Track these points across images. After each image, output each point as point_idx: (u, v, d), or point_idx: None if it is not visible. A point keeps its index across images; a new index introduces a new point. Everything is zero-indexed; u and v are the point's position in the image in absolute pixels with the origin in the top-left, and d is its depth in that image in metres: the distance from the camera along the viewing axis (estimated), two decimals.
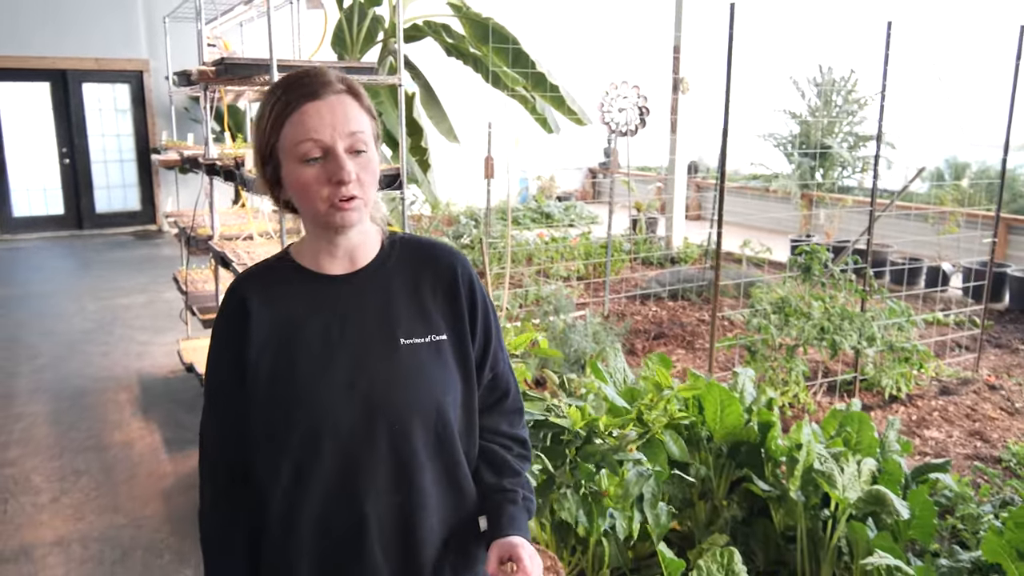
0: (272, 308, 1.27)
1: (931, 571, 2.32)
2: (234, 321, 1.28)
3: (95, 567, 3.03)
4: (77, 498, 3.58)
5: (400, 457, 1.25)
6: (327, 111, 1.19)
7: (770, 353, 4.37)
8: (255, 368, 1.25)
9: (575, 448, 2.24)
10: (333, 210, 1.21)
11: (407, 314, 1.30)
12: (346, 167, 1.19)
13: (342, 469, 1.23)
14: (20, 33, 9.80)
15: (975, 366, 5.37)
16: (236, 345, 1.26)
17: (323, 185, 1.20)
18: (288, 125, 1.20)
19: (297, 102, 1.19)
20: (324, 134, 1.19)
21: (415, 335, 1.29)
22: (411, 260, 1.34)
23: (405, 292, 1.32)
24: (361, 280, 1.30)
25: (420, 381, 1.27)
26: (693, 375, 2.97)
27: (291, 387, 1.23)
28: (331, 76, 1.23)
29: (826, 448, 2.76)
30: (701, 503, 2.96)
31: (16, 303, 7.09)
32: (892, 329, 4.92)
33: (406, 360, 1.27)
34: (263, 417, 1.25)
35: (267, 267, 1.35)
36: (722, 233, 4.27)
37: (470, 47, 7.05)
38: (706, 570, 2.28)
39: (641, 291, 7.05)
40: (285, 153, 1.22)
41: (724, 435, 2.90)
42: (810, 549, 2.73)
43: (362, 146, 1.22)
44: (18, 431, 4.30)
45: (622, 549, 2.93)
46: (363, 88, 1.27)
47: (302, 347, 1.25)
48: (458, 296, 1.34)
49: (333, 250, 1.29)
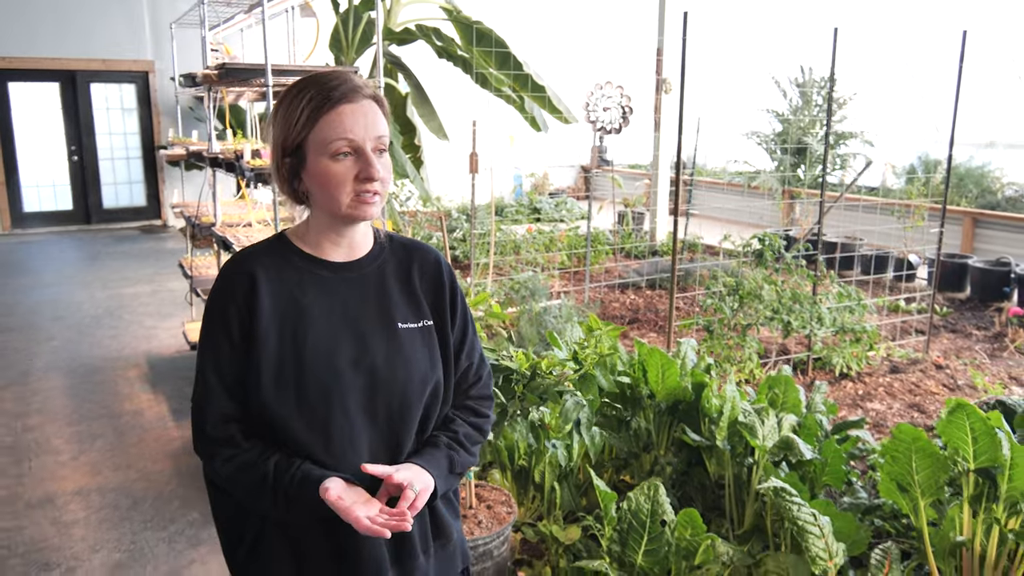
0: (278, 284, 1.36)
1: (830, 505, 2.71)
2: (241, 292, 1.34)
3: (111, 512, 3.43)
4: (93, 457, 3.98)
5: (394, 429, 1.38)
6: (360, 114, 1.31)
7: (726, 332, 4.76)
8: (264, 338, 1.33)
9: (522, 385, 2.63)
10: (357, 203, 1.33)
11: (401, 301, 1.44)
12: (374, 164, 1.31)
13: (345, 440, 1.34)
14: (31, 35, 10.22)
15: (925, 348, 5.76)
16: (243, 314, 1.34)
17: (351, 180, 1.32)
18: (323, 122, 1.30)
19: (334, 102, 1.30)
20: (357, 134, 1.30)
21: (409, 320, 1.43)
22: (402, 254, 1.48)
23: (398, 282, 1.45)
24: (360, 268, 1.43)
25: (416, 361, 1.40)
26: (638, 343, 3.36)
27: (301, 359, 1.33)
28: (360, 82, 1.35)
29: (752, 406, 3.16)
30: (645, 455, 3.35)
31: (29, 292, 7.50)
32: (843, 312, 5.31)
33: (404, 342, 1.40)
34: (272, 386, 1.32)
35: (269, 247, 1.43)
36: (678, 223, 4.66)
37: (458, 50, 7.43)
38: (634, 500, 2.68)
39: (620, 280, 7.44)
40: (315, 147, 1.32)
41: (665, 395, 3.29)
42: (736, 493, 3.12)
43: (384, 147, 1.36)
44: (37, 402, 4.71)
45: (574, 494, 3.33)
46: None
47: (311, 324, 1.35)
48: (442, 289, 1.49)
49: (338, 239, 1.41)
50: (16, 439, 4.19)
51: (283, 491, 1.28)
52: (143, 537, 3.23)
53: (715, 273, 6.72)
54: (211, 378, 1.35)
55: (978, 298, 7.31)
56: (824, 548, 2.27)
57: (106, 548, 3.16)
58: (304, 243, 1.41)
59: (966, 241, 8.68)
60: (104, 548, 3.16)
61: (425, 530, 1.46)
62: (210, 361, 1.36)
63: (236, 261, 1.40)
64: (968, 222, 8.69)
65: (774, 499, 2.42)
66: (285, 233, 1.44)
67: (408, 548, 1.42)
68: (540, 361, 2.54)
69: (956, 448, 2.59)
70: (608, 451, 3.40)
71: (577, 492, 3.35)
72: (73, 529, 3.30)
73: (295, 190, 1.38)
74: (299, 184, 1.37)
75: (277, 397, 1.31)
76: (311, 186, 1.35)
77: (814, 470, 3.06)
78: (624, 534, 2.68)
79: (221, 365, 1.35)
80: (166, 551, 3.12)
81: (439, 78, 8.47)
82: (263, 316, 1.33)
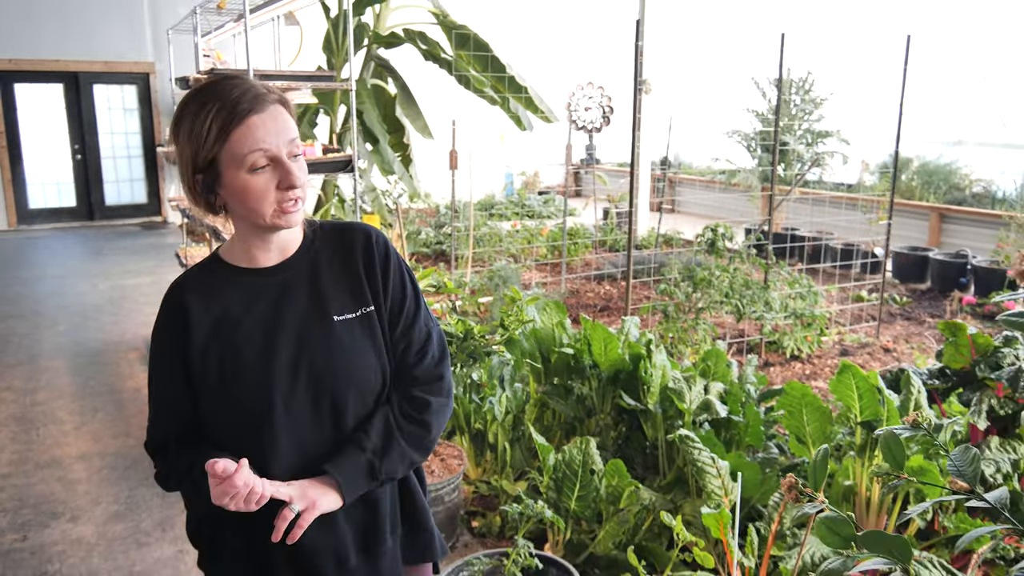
0: (211, 308, 1.37)
1: (741, 456, 3.08)
2: (176, 322, 1.37)
3: (111, 472, 3.82)
4: (95, 427, 4.37)
5: (339, 426, 1.38)
6: (271, 122, 1.28)
7: (681, 316, 5.13)
8: (201, 365, 1.35)
9: (455, 346, 3.01)
10: (280, 212, 1.31)
11: (336, 292, 1.41)
12: (294, 172, 1.30)
13: (291, 443, 1.35)
14: (36, 38, 10.63)
15: (876, 333, 6.13)
16: (180, 344, 1.36)
17: (272, 191, 1.29)
18: (235, 136, 1.26)
19: (243, 115, 1.26)
20: (271, 143, 1.28)
21: (347, 311, 1.40)
22: (332, 241, 1.45)
23: (332, 272, 1.42)
24: (291, 267, 1.41)
25: (355, 355, 1.38)
26: (584, 319, 3.74)
27: (240, 377, 1.34)
28: (262, 87, 1.30)
29: (682, 374, 3.53)
30: (590, 420, 3.72)
31: (35, 283, 7.89)
32: (795, 299, 5.68)
33: (341, 336, 1.38)
34: (216, 406, 1.36)
35: (201, 270, 1.44)
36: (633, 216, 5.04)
37: (442, 53, 7.80)
38: (568, 452, 3.06)
39: (597, 272, 7.82)
40: (230, 162, 1.28)
41: (608, 365, 3.66)
42: (667, 452, 3.49)
43: (298, 151, 1.33)
44: (44, 380, 5.10)
45: (525, 455, 3.71)
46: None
47: (245, 339, 1.35)
48: (374, 267, 1.44)
49: (266, 246, 1.39)
50: (25, 411, 4.58)
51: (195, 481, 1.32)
52: (139, 492, 3.62)
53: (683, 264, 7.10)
54: (153, 402, 1.43)
55: (938, 289, 7.67)
56: (720, 487, 2.64)
57: (106, 501, 3.54)
58: (234, 257, 1.41)
59: (933, 235, 9.04)
60: (104, 501, 3.54)
61: (395, 512, 1.48)
62: (153, 391, 1.43)
63: (169, 293, 1.42)
64: (935, 217, 9.05)
65: (680, 445, 2.80)
66: (218, 251, 1.45)
67: (375, 533, 1.45)
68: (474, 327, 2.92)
69: (848, 405, 2.97)
70: (556, 417, 3.77)
71: (529, 454, 3.72)
72: (77, 486, 3.68)
73: (211, 204, 1.35)
74: (215, 199, 1.34)
75: (220, 409, 1.36)
76: (230, 200, 1.32)
77: (737, 431, 3.43)
78: (559, 482, 3.06)
79: (162, 395, 1.41)
80: (159, 504, 3.51)
81: (426, 80, 8.84)
82: (198, 339, 1.35)
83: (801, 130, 11.35)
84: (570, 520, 3.07)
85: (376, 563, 1.46)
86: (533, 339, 3.68)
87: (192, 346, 1.35)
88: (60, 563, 3.06)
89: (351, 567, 1.42)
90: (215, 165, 1.29)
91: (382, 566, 1.46)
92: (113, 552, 3.13)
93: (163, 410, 1.41)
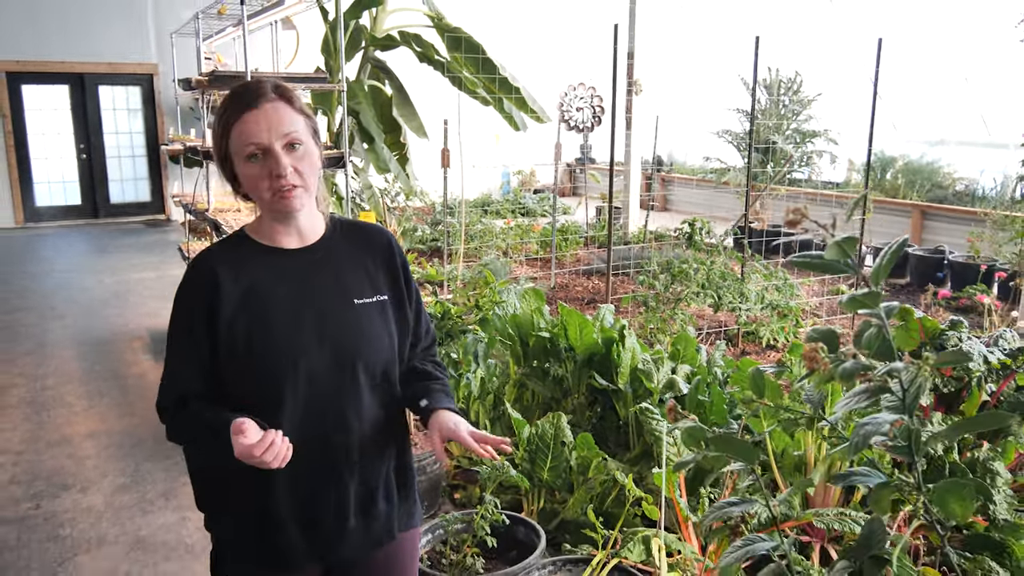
0: (240, 279, 1.48)
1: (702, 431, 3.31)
2: (205, 289, 1.47)
3: (117, 449, 4.07)
4: (102, 409, 4.62)
5: (358, 393, 1.53)
6: (263, 117, 1.43)
7: (660, 306, 5.38)
8: (230, 330, 1.46)
9: (434, 325, 3.27)
10: (277, 198, 1.45)
11: (355, 279, 1.56)
12: (282, 162, 1.43)
13: (315, 407, 1.49)
14: (42, 40, 10.90)
15: (852, 325, 6.36)
16: (207, 310, 1.46)
17: (265, 179, 1.44)
18: (234, 132, 1.44)
19: (238, 113, 1.44)
20: (261, 137, 1.42)
21: (365, 296, 1.56)
22: (353, 236, 1.61)
23: (351, 262, 1.58)
24: (314, 253, 1.55)
25: (373, 332, 1.55)
26: (562, 306, 3.98)
27: (269, 347, 1.46)
28: (266, 87, 1.46)
29: (652, 357, 3.77)
30: (566, 400, 3.97)
31: (43, 278, 8.16)
32: (772, 291, 5.92)
33: (362, 315, 1.54)
34: (240, 373, 1.47)
35: (228, 243, 1.57)
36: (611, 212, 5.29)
37: (436, 54, 8.05)
38: (541, 426, 3.30)
39: (586, 267, 8.07)
40: (234, 155, 1.46)
41: (583, 349, 3.91)
42: (636, 429, 3.73)
43: (296, 140, 1.45)
44: (53, 367, 5.35)
45: (504, 431, 3.96)
46: (297, 92, 1.52)
47: (274, 309, 1.48)
48: (395, 264, 1.62)
49: (286, 229, 1.53)
50: (36, 395, 4.84)
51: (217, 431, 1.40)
52: (144, 467, 3.87)
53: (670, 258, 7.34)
54: (172, 365, 1.52)
55: (916, 283, 7.90)
56: (675, 453, 2.89)
57: (112, 474, 3.79)
58: (260, 235, 1.54)
59: (915, 232, 9.28)
60: (111, 474, 3.79)
61: (389, 482, 1.61)
62: (173, 351, 1.52)
63: (199, 260, 1.54)
64: (917, 214, 9.28)
65: (641, 417, 3.04)
66: (244, 229, 1.58)
67: (371, 499, 1.58)
68: (451, 308, 3.16)
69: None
70: (534, 397, 4.02)
71: (508, 431, 3.96)
72: (86, 461, 3.94)
73: (238, 191, 1.54)
74: (239, 186, 1.52)
75: (251, 370, 1.46)
76: (245, 188, 1.50)
77: (703, 410, 3.68)
78: (533, 454, 3.31)
79: (181, 355, 1.50)
80: (163, 476, 3.76)
81: (423, 81, 9.08)
82: (227, 308, 1.46)
83: (790, 130, 11.61)
84: (543, 490, 3.32)
85: (371, 525, 1.58)
86: (513, 324, 3.93)
87: (220, 314, 1.45)
88: (71, 528, 3.31)
89: (350, 527, 1.55)
90: (228, 157, 1.47)
91: (376, 528, 1.59)
92: (120, 519, 3.38)
93: (183, 367, 1.49)
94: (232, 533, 1.57)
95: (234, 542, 1.58)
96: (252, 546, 1.54)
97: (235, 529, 1.56)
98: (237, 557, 1.58)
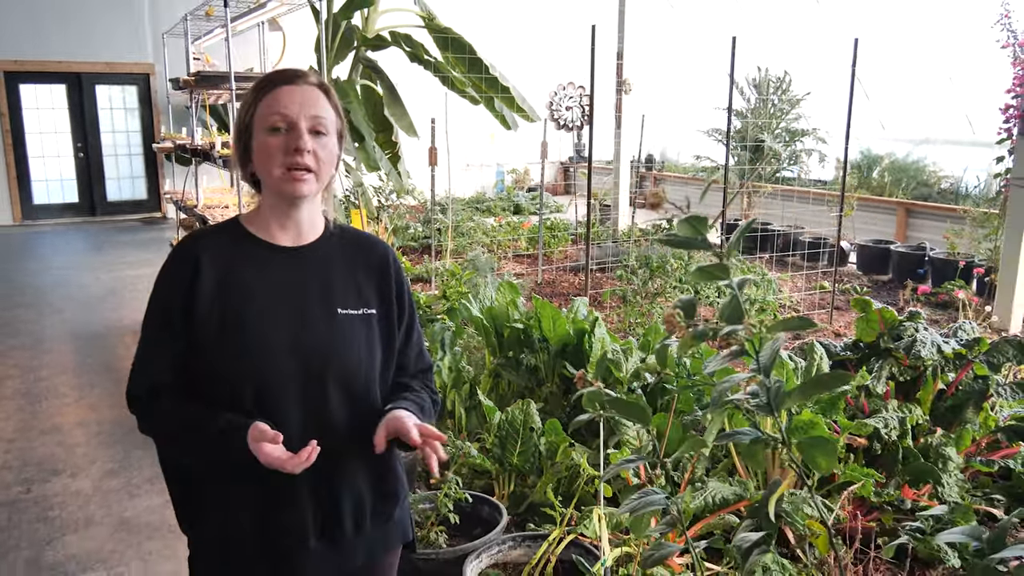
0: (223, 266, 1.44)
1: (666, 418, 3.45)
2: (183, 275, 1.43)
3: (107, 437, 4.21)
4: (93, 400, 4.76)
5: (327, 407, 1.45)
6: (297, 94, 1.42)
7: (639, 300, 5.51)
8: (205, 319, 1.41)
9: None
10: (288, 177, 1.40)
11: (343, 288, 1.50)
12: (304, 137, 1.40)
13: (279, 415, 1.41)
14: (40, 40, 11.04)
15: (830, 320, 6.50)
16: (185, 292, 1.42)
17: (282, 153, 1.40)
18: (263, 101, 1.43)
19: (274, 85, 1.44)
20: (291, 110, 1.41)
21: (349, 307, 1.49)
22: (350, 244, 1.56)
23: (343, 270, 1.52)
24: (306, 254, 1.50)
25: (352, 346, 1.47)
26: (536, 298, 4.12)
27: (240, 341, 1.41)
28: (310, 74, 1.47)
29: (621, 347, 3.91)
30: (540, 389, 4.10)
31: (40, 275, 8.30)
32: (751, 286, 6.05)
33: (342, 327, 1.47)
34: (213, 363, 1.42)
35: (218, 230, 1.53)
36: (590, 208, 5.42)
37: (425, 54, 8.19)
38: (511, 412, 3.44)
39: (573, 264, 8.20)
40: (256, 124, 1.43)
41: (556, 340, 4.05)
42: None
43: (323, 129, 1.44)
44: (47, 360, 5.49)
45: (480, 420, 4.09)
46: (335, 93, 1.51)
47: (251, 306, 1.43)
48: (388, 279, 1.56)
49: (285, 222, 1.48)
50: (30, 387, 4.98)
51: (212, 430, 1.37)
52: (132, 454, 4.01)
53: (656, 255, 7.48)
54: (143, 348, 1.49)
55: (898, 279, 8.04)
56: (635, 436, 3.03)
57: (101, 460, 3.93)
58: (254, 226, 1.50)
59: (900, 229, 9.40)
60: (100, 461, 3.93)
61: (361, 506, 1.52)
62: (146, 338, 1.49)
63: (183, 244, 1.50)
64: (902, 212, 9.41)
65: None
66: (238, 217, 1.54)
67: (337, 521, 1.50)
68: (420, 297, 3.30)
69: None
70: (509, 386, 4.15)
71: (482, 420, 4.09)
72: (76, 448, 4.08)
73: (247, 173, 1.50)
74: (250, 166, 1.47)
75: (218, 363, 1.41)
76: (256, 164, 1.45)
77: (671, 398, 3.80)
78: (504, 439, 3.45)
79: (154, 343, 1.46)
80: (150, 463, 3.89)
81: (413, 80, 9.22)
82: (204, 294, 1.41)
83: (779, 128, 11.73)
84: (513, 474, 3.46)
85: (335, 548, 1.51)
86: (489, 316, 4.07)
87: (197, 303, 1.41)
88: (60, 510, 3.45)
89: (311, 547, 1.48)
90: (249, 128, 1.45)
91: (340, 551, 1.52)
92: (108, 501, 3.52)
93: (156, 356, 1.45)
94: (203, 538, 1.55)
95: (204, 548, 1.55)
96: (217, 555, 1.52)
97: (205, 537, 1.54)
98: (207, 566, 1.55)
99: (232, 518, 1.46)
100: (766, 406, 1.16)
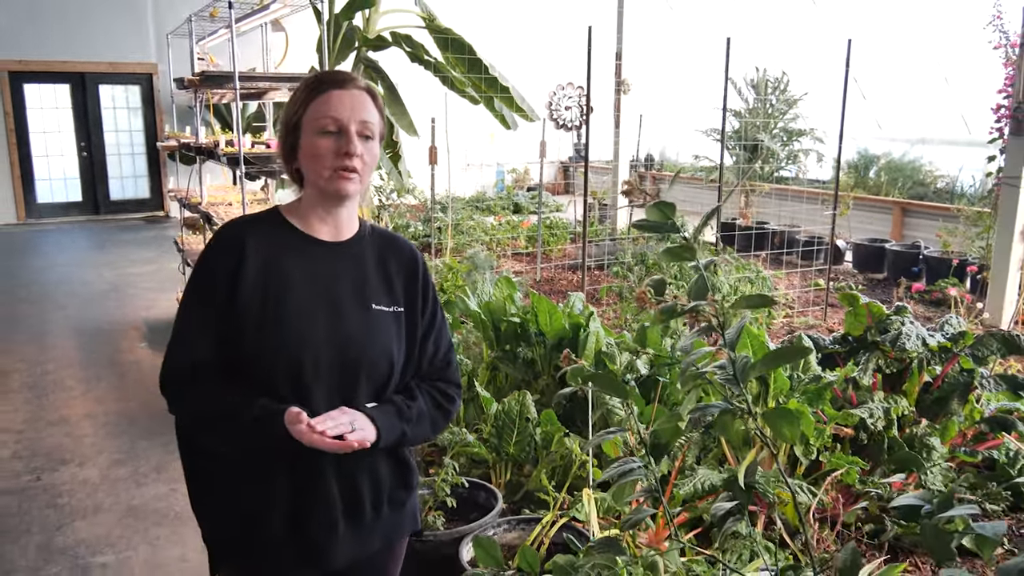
0: (265, 249, 1.49)
1: (661, 410, 3.55)
2: (230, 256, 1.47)
3: (113, 428, 4.31)
4: (99, 393, 4.86)
5: (358, 396, 1.51)
6: (348, 98, 1.47)
7: (634, 296, 5.61)
8: (247, 299, 1.45)
9: None
10: (335, 176, 1.46)
11: (376, 285, 1.57)
12: (354, 141, 1.46)
13: (313, 403, 1.45)
14: (44, 40, 11.15)
15: (824, 316, 6.59)
16: (230, 273, 1.46)
17: (332, 155, 1.46)
18: (314, 103, 1.47)
19: (326, 87, 1.48)
20: (342, 114, 1.46)
21: (382, 303, 1.56)
22: (382, 244, 1.62)
23: (376, 267, 1.58)
24: (343, 249, 1.56)
25: (382, 340, 1.54)
26: (533, 294, 4.21)
27: (279, 327, 1.45)
28: (359, 79, 1.52)
29: (615, 341, 4.00)
30: (536, 382, 4.20)
31: (45, 272, 8.40)
32: (745, 283, 6.15)
33: (376, 320, 1.54)
34: (251, 347, 1.45)
35: (260, 218, 1.57)
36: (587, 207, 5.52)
37: (425, 54, 8.28)
38: (507, 403, 3.53)
39: (571, 262, 8.30)
40: (306, 125, 1.48)
41: (552, 333, 4.14)
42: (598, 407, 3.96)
43: (370, 133, 1.50)
44: (53, 354, 5.59)
45: (478, 412, 4.18)
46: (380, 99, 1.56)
47: (291, 288, 1.48)
48: (416, 280, 1.63)
49: (326, 217, 1.54)
50: (37, 380, 5.08)
51: (247, 417, 1.41)
52: (138, 444, 4.11)
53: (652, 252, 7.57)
54: (183, 326, 1.50)
55: (893, 278, 8.12)
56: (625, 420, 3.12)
57: (108, 451, 4.03)
58: (294, 218, 1.55)
59: (896, 228, 9.49)
60: (107, 451, 4.03)
61: (379, 493, 1.58)
62: (186, 316, 1.51)
63: (230, 226, 1.55)
64: (898, 211, 9.50)
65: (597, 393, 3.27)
66: (279, 208, 1.58)
67: (359, 506, 1.56)
68: None
69: None
70: (507, 379, 4.25)
71: (481, 411, 4.19)
72: (83, 439, 4.18)
73: (291, 170, 1.56)
74: (295, 163, 1.53)
75: (256, 347, 1.45)
76: (303, 162, 1.51)
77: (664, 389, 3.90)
78: (500, 429, 3.54)
79: (194, 317, 1.49)
80: (157, 453, 3.99)
81: (414, 80, 9.31)
82: (248, 276, 1.45)
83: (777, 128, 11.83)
84: (510, 463, 3.55)
85: (357, 532, 1.57)
86: (486, 310, 4.16)
87: (243, 277, 1.45)
88: (69, 497, 3.55)
89: (339, 533, 1.53)
90: (297, 128, 1.50)
91: (362, 536, 1.58)
92: (115, 489, 3.62)
93: (197, 331, 1.47)
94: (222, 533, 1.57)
95: (225, 542, 1.57)
96: (240, 547, 1.54)
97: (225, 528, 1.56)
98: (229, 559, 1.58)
99: (259, 507, 1.49)
100: (732, 378, 1.25)
